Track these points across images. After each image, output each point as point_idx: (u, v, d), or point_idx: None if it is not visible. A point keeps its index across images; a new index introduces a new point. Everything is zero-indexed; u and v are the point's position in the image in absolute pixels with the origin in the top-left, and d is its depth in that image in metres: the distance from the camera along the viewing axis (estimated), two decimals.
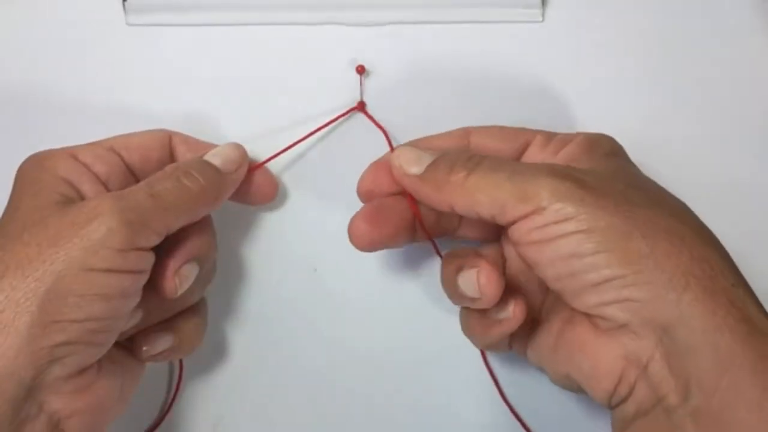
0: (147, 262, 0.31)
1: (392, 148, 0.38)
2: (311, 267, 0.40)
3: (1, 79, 0.41)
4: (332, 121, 0.39)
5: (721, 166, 0.40)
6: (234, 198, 0.37)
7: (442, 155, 0.34)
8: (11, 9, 0.42)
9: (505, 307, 0.32)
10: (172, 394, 0.39)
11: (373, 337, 0.39)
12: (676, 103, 0.41)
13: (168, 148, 0.37)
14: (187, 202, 0.33)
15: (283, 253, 0.40)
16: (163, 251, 0.33)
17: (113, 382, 0.32)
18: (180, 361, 0.39)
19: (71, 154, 0.33)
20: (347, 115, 0.40)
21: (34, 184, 0.32)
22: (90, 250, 0.29)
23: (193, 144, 0.37)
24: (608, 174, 0.32)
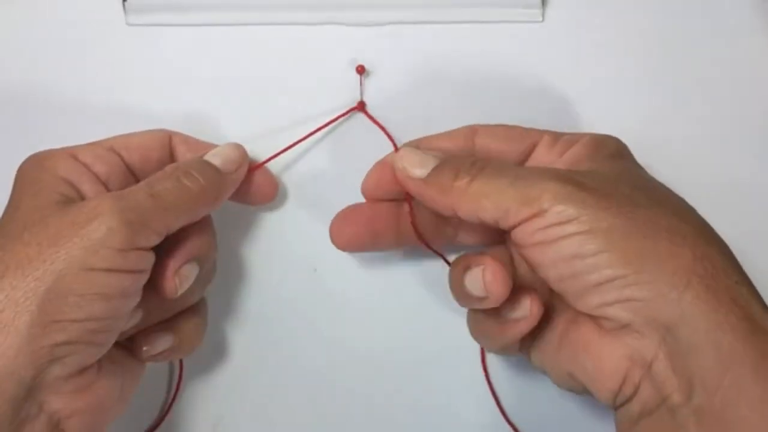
0: (147, 261, 0.31)
1: (396, 148, 0.38)
2: (311, 267, 0.40)
3: (1, 79, 0.41)
4: (332, 121, 0.39)
5: (721, 166, 0.40)
6: (234, 198, 0.37)
7: (446, 159, 0.34)
8: (11, 9, 0.42)
9: (520, 306, 0.32)
10: (172, 394, 0.39)
11: (373, 337, 0.39)
12: (676, 103, 0.41)
13: (168, 148, 0.37)
14: (187, 202, 0.33)
15: (283, 253, 0.40)
16: (163, 251, 0.33)
17: (113, 382, 0.32)
18: (180, 361, 0.39)
19: (71, 154, 0.33)
20: (347, 115, 0.40)
21: (35, 184, 0.32)
22: (90, 249, 0.29)
23: (193, 144, 0.37)
24: (612, 175, 0.32)
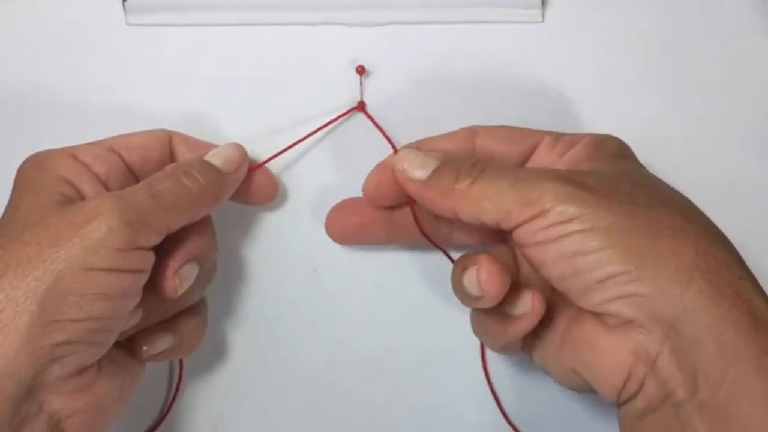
0: (147, 261, 0.31)
1: (395, 149, 0.38)
2: (311, 267, 0.40)
3: (1, 79, 0.41)
4: (332, 121, 0.39)
5: (721, 166, 0.40)
6: (234, 198, 0.37)
7: (447, 161, 0.33)
8: (11, 9, 0.42)
9: (522, 303, 0.32)
10: (172, 394, 0.39)
11: (373, 337, 0.39)
12: (676, 103, 0.41)
13: (168, 148, 0.37)
14: (187, 202, 0.33)
15: (283, 253, 0.40)
16: (163, 251, 0.33)
17: (113, 382, 0.32)
18: (180, 361, 0.39)
19: (71, 154, 0.33)
20: (347, 115, 0.40)
21: (35, 184, 0.32)
22: (90, 249, 0.29)
23: (193, 144, 0.37)
24: (613, 175, 0.32)
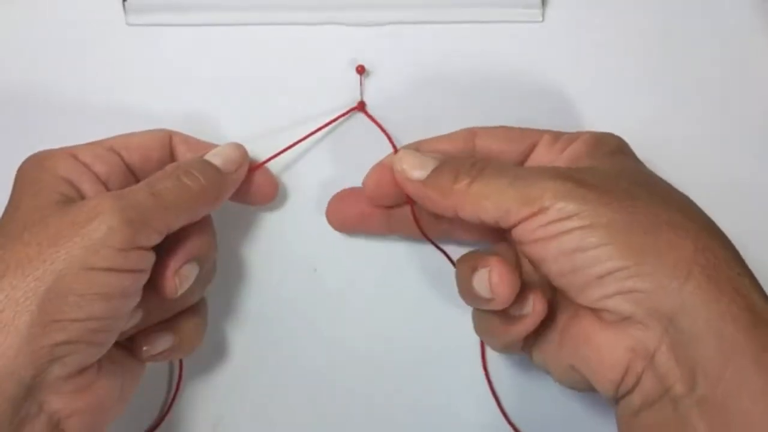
0: (147, 261, 0.31)
1: (395, 149, 0.38)
2: (311, 267, 0.40)
3: (1, 79, 0.41)
4: (332, 121, 0.39)
5: (721, 166, 0.40)
6: (234, 198, 0.37)
7: (446, 161, 0.34)
8: (11, 9, 0.42)
9: (524, 304, 0.31)
10: (172, 394, 0.39)
11: (373, 337, 0.39)
12: (676, 103, 0.41)
13: (168, 148, 0.37)
14: (187, 201, 0.33)
15: (283, 253, 0.40)
16: (164, 251, 0.33)
17: (113, 382, 0.32)
18: (180, 361, 0.39)
19: (71, 153, 0.33)
20: (347, 115, 0.40)
21: (35, 184, 0.32)
22: (90, 249, 0.29)
23: (194, 144, 0.37)
24: (612, 171, 0.32)
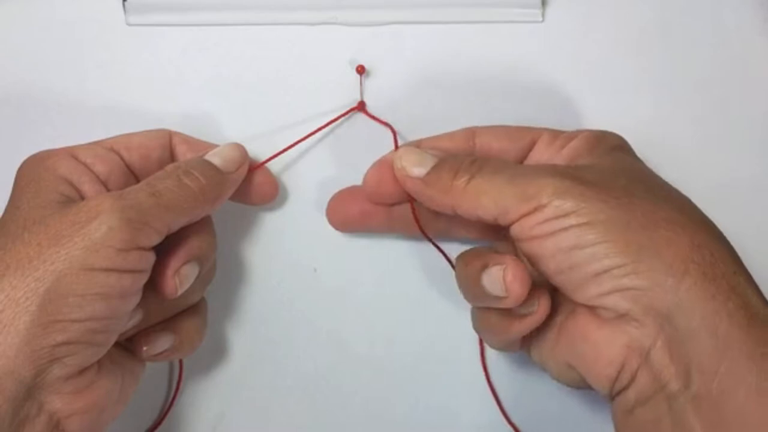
0: (147, 261, 0.31)
1: (397, 145, 0.38)
2: (311, 267, 0.40)
3: (1, 79, 0.41)
4: (332, 121, 0.39)
5: (721, 166, 0.40)
6: (234, 198, 0.37)
7: (445, 158, 0.34)
8: (11, 9, 0.42)
9: (529, 302, 0.31)
10: (172, 394, 0.39)
11: (373, 337, 0.39)
12: (676, 103, 0.41)
13: (168, 148, 0.37)
14: (187, 201, 0.33)
15: (283, 253, 0.40)
16: (164, 251, 0.32)
17: (113, 382, 0.32)
18: (180, 361, 0.39)
19: (71, 153, 0.33)
20: (347, 115, 0.40)
21: (35, 184, 0.32)
22: (91, 249, 0.29)
23: (194, 144, 0.37)
24: (611, 169, 0.32)
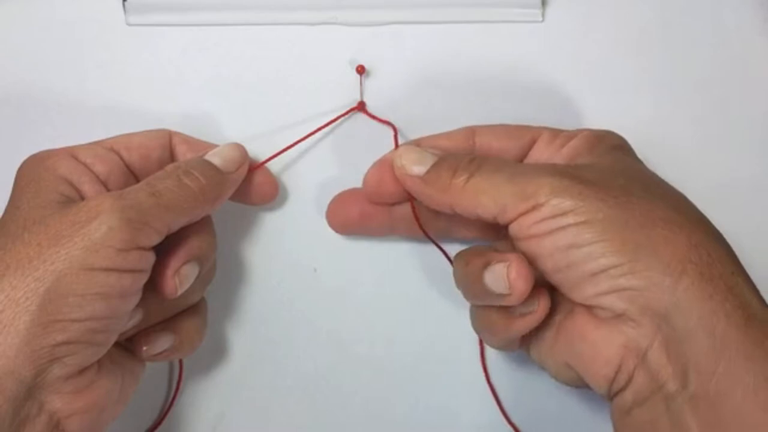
0: (147, 261, 0.31)
1: (397, 144, 0.38)
2: (311, 267, 0.40)
3: (1, 79, 0.41)
4: (332, 121, 0.39)
5: (721, 166, 0.40)
6: (234, 198, 0.37)
7: (444, 157, 0.34)
8: (11, 9, 0.42)
9: (530, 301, 0.31)
10: (172, 394, 0.39)
11: (373, 337, 0.39)
12: (676, 103, 0.41)
13: (168, 148, 0.37)
14: (188, 201, 0.33)
15: (283, 253, 0.40)
16: (164, 251, 0.33)
17: (113, 382, 0.32)
18: (180, 361, 0.39)
19: (71, 153, 0.33)
20: (347, 115, 0.40)
21: (35, 184, 0.32)
22: (91, 249, 0.29)
23: (194, 144, 0.37)
24: (610, 168, 0.32)
